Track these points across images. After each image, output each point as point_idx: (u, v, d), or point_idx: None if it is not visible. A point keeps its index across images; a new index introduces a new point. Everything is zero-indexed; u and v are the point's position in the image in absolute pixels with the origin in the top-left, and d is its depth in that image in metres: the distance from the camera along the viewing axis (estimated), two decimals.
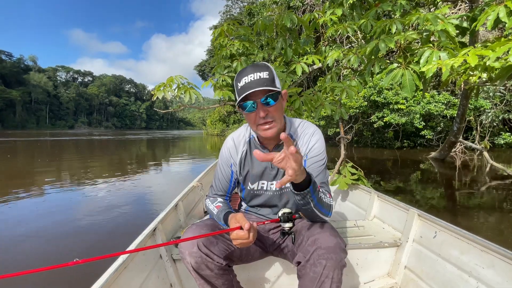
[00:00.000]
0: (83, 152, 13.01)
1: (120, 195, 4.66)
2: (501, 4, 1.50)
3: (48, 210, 3.85)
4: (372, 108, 12.00)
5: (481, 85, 2.59)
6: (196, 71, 45.97)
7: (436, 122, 11.37)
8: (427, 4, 3.16)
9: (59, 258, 2.46)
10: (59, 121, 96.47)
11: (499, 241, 1.14)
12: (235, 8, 35.10)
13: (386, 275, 1.58)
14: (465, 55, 1.45)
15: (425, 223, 1.50)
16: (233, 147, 1.23)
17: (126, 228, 3.17)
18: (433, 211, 3.76)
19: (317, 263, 0.94)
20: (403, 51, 1.96)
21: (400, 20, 1.96)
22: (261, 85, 0.98)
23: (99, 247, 2.66)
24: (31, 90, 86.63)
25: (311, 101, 2.34)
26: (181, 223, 1.80)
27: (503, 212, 3.69)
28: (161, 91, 2.52)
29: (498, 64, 1.30)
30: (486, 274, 1.12)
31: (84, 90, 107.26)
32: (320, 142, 1.15)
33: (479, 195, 4.55)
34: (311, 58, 2.47)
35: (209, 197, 1.30)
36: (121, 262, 1.06)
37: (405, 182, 5.59)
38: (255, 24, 2.82)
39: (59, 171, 7.21)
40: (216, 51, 3.04)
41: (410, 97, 2.04)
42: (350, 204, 2.36)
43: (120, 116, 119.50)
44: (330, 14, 2.72)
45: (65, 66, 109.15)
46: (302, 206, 0.97)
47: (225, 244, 1.09)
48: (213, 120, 35.87)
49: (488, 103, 10.27)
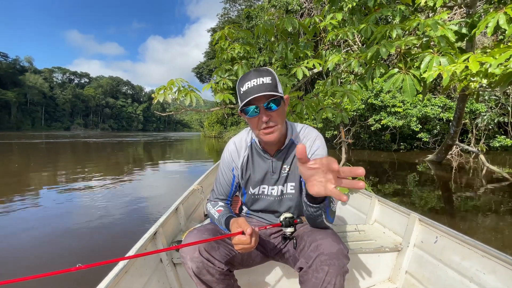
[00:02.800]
0: (79, 156, 12.92)
1: (118, 198, 4.63)
2: (501, 11, 1.52)
3: (47, 215, 3.81)
4: (369, 111, 12.08)
5: (481, 90, 2.62)
6: (194, 73, 45.94)
7: (432, 125, 11.47)
8: (426, 10, 3.20)
9: (58, 264, 2.44)
10: (55, 123, 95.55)
11: (496, 243, 1.15)
12: (233, 11, 35.25)
13: (387, 280, 1.57)
14: (465, 61, 1.47)
15: (426, 228, 1.49)
16: (235, 151, 1.23)
17: (126, 231, 3.14)
18: (431, 213, 3.79)
19: (319, 269, 0.93)
20: (403, 56, 1.98)
21: (401, 26, 1.98)
22: (264, 90, 0.98)
23: (99, 251, 2.64)
24: (26, 91, 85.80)
25: (313, 105, 2.35)
26: (182, 226, 1.79)
27: (500, 214, 3.72)
28: (162, 94, 2.52)
29: (498, 70, 1.32)
30: (487, 280, 1.12)
31: (80, 92, 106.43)
32: (322, 147, 1.16)
33: (476, 198, 4.58)
34: (311, 62, 2.48)
35: (210, 201, 1.30)
36: (122, 266, 1.05)
37: (403, 184, 5.62)
38: (255, 28, 2.83)
39: (54, 176, 7.14)
40: (217, 54, 3.05)
41: (410, 101, 2.05)
42: (350, 208, 2.35)
43: (117, 118, 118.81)
44: (330, 18, 2.74)
45: (62, 67, 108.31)
46: (315, 218, 0.98)
47: (227, 249, 1.09)
48: (210, 122, 35.81)
49: (484, 106, 10.39)
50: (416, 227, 1.54)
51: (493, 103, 10.47)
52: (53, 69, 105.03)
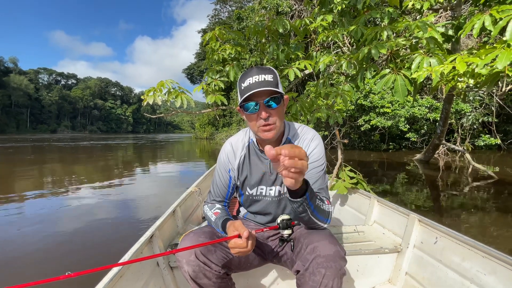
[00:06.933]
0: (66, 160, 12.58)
1: (111, 202, 4.53)
2: (486, 13, 1.57)
3: (36, 221, 3.69)
4: (359, 112, 12.27)
5: (468, 91, 2.70)
6: (185, 74, 45.60)
7: (420, 125, 11.75)
8: (413, 12, 3.27)
9: (50, 271, 2.36)
10: (40, 125, 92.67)
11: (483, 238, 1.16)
12: (223, 12, 35.21)
13: (387, 282, 1.56)
14: (453, 62, 1.51)
15: (425, 229, 1.48)
16: (231, 152, 1.22)
17: (120, 233, 3.07)
18: (420, 211, 3.86)
19: (316, 272, 0.92)
20: (393, 57, 2.01)
21: (391, 27, 2.02)
22: (265, 86, 0.98)
23: (93, 255, 2.56)
24: (11, 93, 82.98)
25: (307, 106, 2.37)
26: (179, 229, 1.76)
27: (485, 211, 3.84)
28: (152, 96, 2.47)
29: (485, 70, 1.36)
30: (488, 281, 1.11)
31: (67, 93, 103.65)
32: (319, 147, 1.15)
33: (462, 195, 4.71)
34: (303, 63, 2.50)
35: (207, 203, 1.28)
36: (116, 271, 1.03)
37: (392, 183, 5.72)
38: (247, 29, 2.83)
39: (40, 181, 6.93)
40: (207, 55, 3.03)
41: (402, 101, 2.09)
42: (349, 209, 2.33)
43: (106, 119, 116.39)
44: (321, 20, 2.77)
45: (48, 68, 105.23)
46: (299, 214, 0.96)
47: (223, 252, 1.08)
48: (202, 124, 35.53)
49: (468, 106, 10.73)
50: (416, 228, 1.53)
51: (478, 103, 10.81)
52: (39, 70, 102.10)
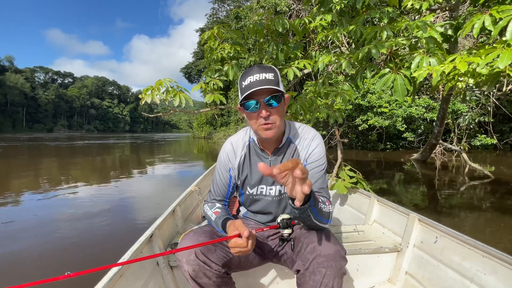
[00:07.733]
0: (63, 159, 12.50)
1: (110, 202, 4.50)
2: (486, 13, 1.58)
3: (34, 219, 3.66)
4: (356, 111, 12.32)
5: (467, 90, 2.71)
6: (183, 73, 45.44)
7: (417, 125, 11.82)
8: (411, 12, 3.29)
9: (49, 271, 2.33)
10: (36, 124, 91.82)
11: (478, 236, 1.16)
12: (221, 11, 35.14)
13: (386, 281, 1.56)
14: (453, 61, 1.51)
15: (425, 228, 1.48)
16: (232, 151, 1.21)
17: (120, 233, 3.05)
18: (417, 209, 3.88)
19: (316, 272, 0.92)
20: (393, 57, 2.02)
21: (390, 27, 2.02)
22: (266, 85, 0.98)
23: (92, 255, 2.55)
24: (6, 91, 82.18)
25: (306, 105, 2.36)
26: (179, 228, 1.75)
27: (482, 209, 3.87)
28: (150, 95, 2.45)
29: (485, 70, 1.36)
30: (488, 281, 1.10)
31: (64, 92, 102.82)
32: (320, 147, 1.15)
33: (459, 194, 4.74)
34: (302, 62, 2.49)
35: (207, 202, 1.27)
36: (116, 270, 1.02)
37: (389, 182, 5.75)
38: (246, 28, 2.82)
39: (36, 181, 6.87)
40: (206, 54, 3.01)
41: (402, 101, 2.09)
42: (349, 208, 2.32)
43: (103, 118, 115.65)
44: (320, 20, 2.77)
45: (44, 67, 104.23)
46: (301, 220, 0.96)
47: (224, 251, 1.07)
48: (200, 123, 35.41)
49: (465, 106, 10.80)
50: (416, 227, 1.52)
51: (474, 103, 10.89)
52: (35, 68, 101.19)
